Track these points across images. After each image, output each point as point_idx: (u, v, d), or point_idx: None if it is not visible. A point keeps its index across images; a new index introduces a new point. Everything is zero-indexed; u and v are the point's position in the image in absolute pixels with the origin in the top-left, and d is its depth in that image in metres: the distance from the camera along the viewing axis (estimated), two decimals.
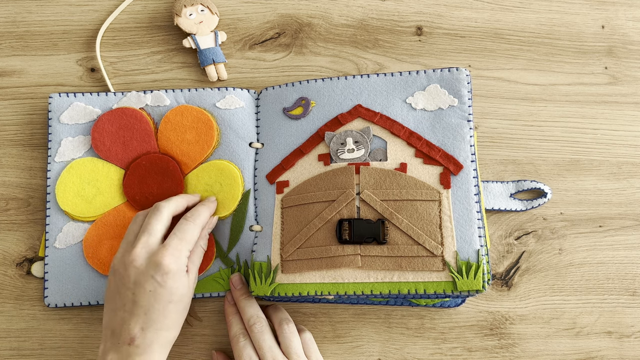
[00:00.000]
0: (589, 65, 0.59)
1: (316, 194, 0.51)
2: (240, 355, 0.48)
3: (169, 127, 0.55)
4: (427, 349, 0.54)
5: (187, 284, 0.46)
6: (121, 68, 0.59)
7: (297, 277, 0.49)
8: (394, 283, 0.47)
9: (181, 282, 0.45)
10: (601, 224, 0.56)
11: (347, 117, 0.53)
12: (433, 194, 0.49)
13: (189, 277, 0.47)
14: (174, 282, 0.44)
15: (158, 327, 0.44)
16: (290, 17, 0.60)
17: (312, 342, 0.51)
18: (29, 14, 0.60)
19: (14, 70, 0.59)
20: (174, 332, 0.46)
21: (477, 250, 0.47)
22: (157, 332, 0.44)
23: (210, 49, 0.58)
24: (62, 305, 0.53)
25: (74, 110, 0.55)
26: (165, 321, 0.45)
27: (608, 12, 0.60)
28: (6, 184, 0.56)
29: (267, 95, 0.56)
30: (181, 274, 0.45)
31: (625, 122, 0.58)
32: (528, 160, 0.57)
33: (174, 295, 0.45)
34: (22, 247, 0.55)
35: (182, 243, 0.46)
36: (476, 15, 0.60)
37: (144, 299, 0.44)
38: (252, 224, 0.54)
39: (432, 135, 0.51)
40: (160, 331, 0.45)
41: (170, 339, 0.46)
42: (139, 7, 0.60)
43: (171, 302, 0.45)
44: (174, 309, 0.45)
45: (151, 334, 0.44)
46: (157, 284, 0.44)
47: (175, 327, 0.46)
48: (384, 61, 0.59)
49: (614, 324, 0.55)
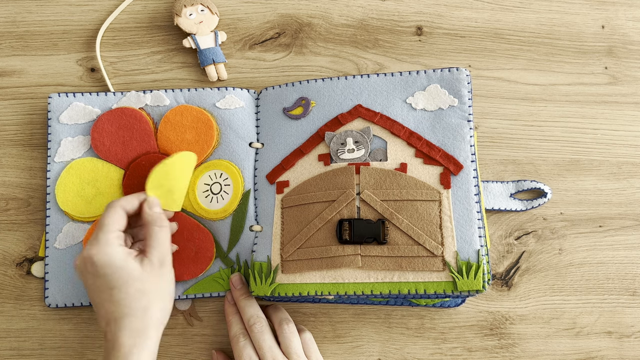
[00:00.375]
0: (589, 65, 0.59)
1: (316, 194, 0.51)
2: (240, 355, 0.48)
3: (168, 127, 0.55)
4: (427, 349, 0.54)
5: (130, 267, 0.44)
6: (121, 68, 0.59)
7: (297, 277, 0.49)
8: (394, 283, 0.47)
9: (116, 266, 0.44)
10: (601, 224, 0.56)
11: (347, 117, 0.53)
12: (433, 194, 0.49)
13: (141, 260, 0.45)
14: (106, 269, 0.44)
15: (116, 316, 0.44)
16: (290, 17, 0.60)
17: (312, 342, 0.51)
18: (29, 14, 0.60)
19: (14, 70, 0.59)
20: (140, 318, 0.44)
21: (477, 250, 0.47)
22: (118, 322, 0.43)
23: (210, 49, 0.58)
24: (63, 306, 0.53)
25: (74, 110, 0.55)
26: (120, 309, 0.44)
27: (608, 12, 0.60)
28: (6, 184, 0.56)
29: (267, 95, 0.56)
30: (111, 259, 0.44)
31: (625, 122, 0.58)
32: (528, 160, 0.57)
33: (114, 280, 0.44)
34: (22, 247, 0.55)
35: (99, 230, 0.45)
36: (476, 15, 0.60)
37: (93, 295, 0.45)
38: (252, 224, 0.54)
39: (432, 135, 0.51)
40: (120, 320, 0.43)
41: (139, 325, 0.44)
42: (139, 7, 0.60)
43: (114, 289, 0.44)
44: (123, 295, 0.44)
45: (113, 325, 0.44)
46: (93, 276, 0.44)
47: (139, 312, 0.44)
48: (384, 61, 0.59)
49: (614, 324, 0.55)
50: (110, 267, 0.44)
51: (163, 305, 0.46)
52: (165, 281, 0.46)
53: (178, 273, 0.53)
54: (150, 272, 0.45)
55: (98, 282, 0.44)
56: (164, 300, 0.46)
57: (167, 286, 0.47)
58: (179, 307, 0.54)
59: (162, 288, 0.46)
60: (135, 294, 0.44)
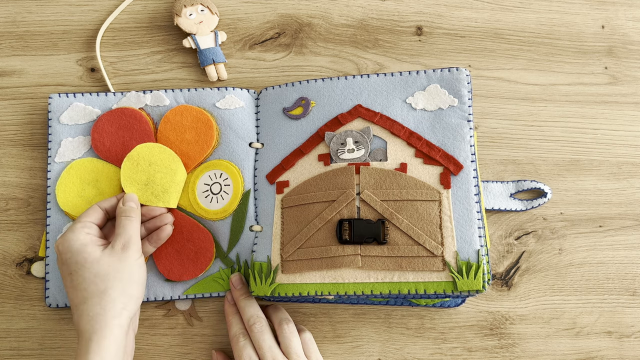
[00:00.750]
0: (589, 65, 0.59)
1: (316, 194, 0.51)
2: (240, 355, 0.48)
3: (168, 127, 0.55)
4: (427, 349, 0.54)
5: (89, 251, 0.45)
6: (121, 68, 0.59)
7: (297, 277, 0.49)
8: (394, 283, 0.47)
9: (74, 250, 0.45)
10: (601, 224, 0.56)
11: (347, 117, 0.53)
12: (433, 194, 0.49)
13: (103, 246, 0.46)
14: (66, 254, 0.45)
15: (76, 302, 0.44)
16: (290, 17, 0.60)
17: (312, 342, 0.51)
18: (29, 14, 0.60)
19: (14, 70, 0.59)
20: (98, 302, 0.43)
21: (477, 250, 0.47)
22: (79, 308, 0.44)
23: (210, 49, 0.58)
24: (63, 306, 0.53)
25: (74, 110, 0.55)
26: (79, 293, 0.44)
27: (608, 12, 0.60)
28: (6, 184, 0.56)
29: (267, 95, 0.56)
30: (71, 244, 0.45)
31: (625, 122, 0.58)
32: (528, 160, 0.57)
33: (71, 265, 0.45)
34: (22, 247, 0.55)
35: (75, 224, 0.47)
36: (476, 15, 0.60)
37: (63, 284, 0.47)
38: (252, 224, 0.54)
39: (432, 135, 0.51)
40: (81, 306, 0.44)
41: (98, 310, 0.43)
42: (139, 7, 0.60)
43: (72, 273, 0.45)
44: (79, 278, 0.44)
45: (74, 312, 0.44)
46: (60, 264, 0.47)
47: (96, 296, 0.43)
48: (384, 61, 0.59)
49: (614, 324, 0.55)
50: (69, 252, 0.45)
51: (126, 290, 0.45)
52: (128, 265, 0.46)
53: (178, 273, 0.53)
54: (110, 256, 0.45)
55: (63, 269, 0.46)
56: (126, 285, 0.45)
57: (131, 270, 0.46)
58: (179, 307, 0.54)
59: (123, 272, 0.45)
60: (93, 278, 0.44)
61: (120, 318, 0.44)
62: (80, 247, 0.45)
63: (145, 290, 0.53)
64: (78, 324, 0.44)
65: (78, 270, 0.45)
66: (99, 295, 0.44)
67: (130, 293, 0.45)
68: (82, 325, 0.43)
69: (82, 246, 0.45)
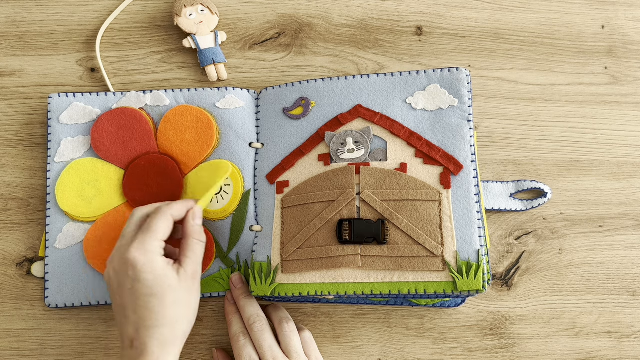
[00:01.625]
0: (589, 65, 0.59)
1: (316, 194, 0.51)
2: (241, 354, 0.48)
3: (168, 127, 0.55)
4: (427, 349, 0.54)
5: (170, 276, 0.44)
6: (121, 68, 0.59)
7: (298, 277, 0.49)
8: (394, 283, 0.47)
9: (157, 273, 0.44)
10: (601, 224, 0.56)
11: (347, 117, 0.53)
12: (433, 194, 0.49)
13: (177, 271, 0.45)
14: (148, 274, 0.43)
15: (148, 324, 0.43)
16: (290, 17, 0.60)
17: (311, 341, 0.51)
18: (29, 14, 0.60)
19: (14, 70, 0.59)
20: (171, 329, 0.45)
21: (477, 250, 0.47)
22: (150, 330, 0.43)
23: (210, 49, 0.58)
24: (63, 306, 0.53)
25: (74, 110, 0.55)
26: (155, 317, 0.44)
27: (608, 12, 0.60)
28: (6, 184, 0.56)
29: (267, 95, 0.56)
30: (154, 266, 0.44)
31: (625, 122, 0.58)
32: (528, 160, 0.57)
33: (153, 288, 0.44)
34: (22, 247, 0.55)
35: (146, 234, 0.45)
36: (476, 15, 0.60)
37: (127, 299, 0.44)
38: (252, 224, 0.54)
39: (432, 135, 0.51)
40: (153, 329, 0.43)
41: (169, 336, 0.44)
42: (139, 7, 0.60)
43: (152, 296, 0.43)
44: (159, 303, 0.44)
45: (144, 332, 0.43)
46: (132, 280, 0.44)
47: (170, 323, 0.44)
48: (384, 61, 0.59)
49: (614, 324, 0.55)
50: (152, 273, 0.44)
51: (191, 318, 0.47)
52: (195, 295, 0.47)
53: None
54: (184, 284, 0.45)
55: (136, 287, 0.44)
56: (192, 314, 0.47)
57: (196, 300, 0.47)
58: None
59: (192, 301, 0.46)
60: (171, 305, 0.44)
61: (182, 343, 0.46)
62: (163, 271, 0.44)
63: None
64: (145, 345, 0.43)
65: (160, 295, 0.44)
66: (173, 322, 0.45)
67: (193, 320, 0.47)
68: (150, 348, 0.43)
69: (165, 270, 0.44)
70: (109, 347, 0.54)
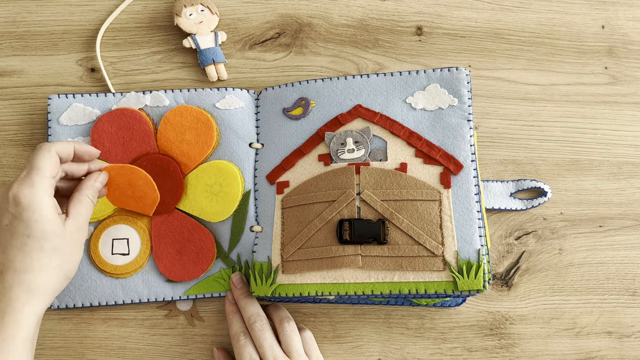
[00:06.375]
0: (589, 65, 0.59)
1: (316, 194, 0.51)
2: (241, 353, 0.48)
3: (168, 128, 0.55)
4: (427, 349, 0.54)
5: (54, 221, 0.41)
6: (121, 68, 0.59)
7: (298, 278, 0.49)
8: (395, 283, 0.47)
9: (42, 215, 0.41)
10: (601, 224, 0.56)
11: (347, 117, 0.53)
12: (433, 194, 0.49)
13: (65, 221, 0.43)
14: (31, 213, 0.40)
15: (17, 267, 0.40)
16: (290, 17, 0.60)
17: (312, 340, 0.51)
18: (29, 14, 0.60)
19: (14, 70, 0.59)
20: (43, 279, 0.41)
21: (478, 250, 0.47)
22: (17, 274, 0.40)
23: (210, 49, 0.58)
24: (63, 306, 0.53)
25: (73, 111, 0.55)
26: (26, 260, 0.40)
27: (608, 12, 0.60)
28: (6, 184, 0.56)
29: (267, 96, 0.56)
30: (41, 205, 0.41)
31: (625, 122, 0.58)
32: (528, 160, 0.57)
33: (33, 229, 0.40)
34: None
35: (31, 171, 0.42)
36: (476, 15, 0.60)
37: (2, 236, 0.41)
38: (253, 224, 0.54)
39: (432, 135, 0.51)
40: (21, 273, 0.40)
41: (40, 286, 0.41)
42: (139, 7, 0.60)
43: (30, 237, 0.40)
44: (36, 247, 0.41)
45: (10, 275, 0.40)
46: (12, 216, 0.41)
47: (41, 270, 0.41)
48: (384, 61, 0.59)
49: (614, 324, 0.55)
50: (37, 213, 0.41)
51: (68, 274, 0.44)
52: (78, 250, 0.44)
53: (179, 274, 0.53)
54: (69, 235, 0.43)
55: (15, 224, 0.41)
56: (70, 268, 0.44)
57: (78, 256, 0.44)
58: (180, 308, 0.54)
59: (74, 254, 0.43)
60: (50, 251, 0.41)
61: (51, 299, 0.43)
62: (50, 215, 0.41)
63: (146, 291, 0.53)
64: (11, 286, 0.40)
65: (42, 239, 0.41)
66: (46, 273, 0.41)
67: (69, 277, 0.44)
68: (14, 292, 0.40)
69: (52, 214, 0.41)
70: (109, 347, 0.54)
